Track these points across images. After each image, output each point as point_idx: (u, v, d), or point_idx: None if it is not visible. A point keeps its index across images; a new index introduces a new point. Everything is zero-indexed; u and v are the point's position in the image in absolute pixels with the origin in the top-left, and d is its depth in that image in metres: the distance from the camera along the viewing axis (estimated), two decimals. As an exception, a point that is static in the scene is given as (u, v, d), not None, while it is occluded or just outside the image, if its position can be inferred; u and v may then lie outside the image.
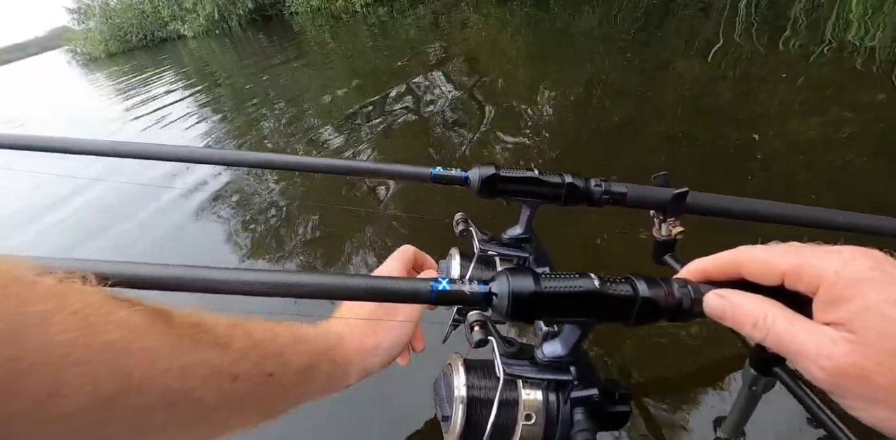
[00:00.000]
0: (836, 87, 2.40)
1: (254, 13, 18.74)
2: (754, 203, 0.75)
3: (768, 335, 0.28)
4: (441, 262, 0.69)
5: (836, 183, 1.64)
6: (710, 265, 0.35)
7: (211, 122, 4.83)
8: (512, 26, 6.37)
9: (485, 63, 4.64)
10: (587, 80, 3.38)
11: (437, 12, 9.12)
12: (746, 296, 0.31)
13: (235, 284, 0.31)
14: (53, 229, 2.96)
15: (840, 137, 1.92)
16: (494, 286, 0.35)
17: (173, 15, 21.61)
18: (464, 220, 0.69)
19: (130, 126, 5.36)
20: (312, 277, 0.33)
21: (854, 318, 0.26)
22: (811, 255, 0.29)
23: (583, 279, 0.35)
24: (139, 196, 3.08)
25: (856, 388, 0.25)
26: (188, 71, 9.67)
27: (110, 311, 0.27)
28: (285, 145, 3.63)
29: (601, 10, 5.69)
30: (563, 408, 0.43)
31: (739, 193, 0.73)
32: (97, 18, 23.96)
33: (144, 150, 0.68)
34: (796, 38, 3.12)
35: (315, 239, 2.11)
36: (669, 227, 0.73)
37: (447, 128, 3.09)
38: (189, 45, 17.26)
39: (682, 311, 0.35)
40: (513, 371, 0.42)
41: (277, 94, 5.35)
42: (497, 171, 0.61)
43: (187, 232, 2.51)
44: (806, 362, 0.26)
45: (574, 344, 0.42)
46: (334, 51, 7.90)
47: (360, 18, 11.70)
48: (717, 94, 2.70)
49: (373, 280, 0.34)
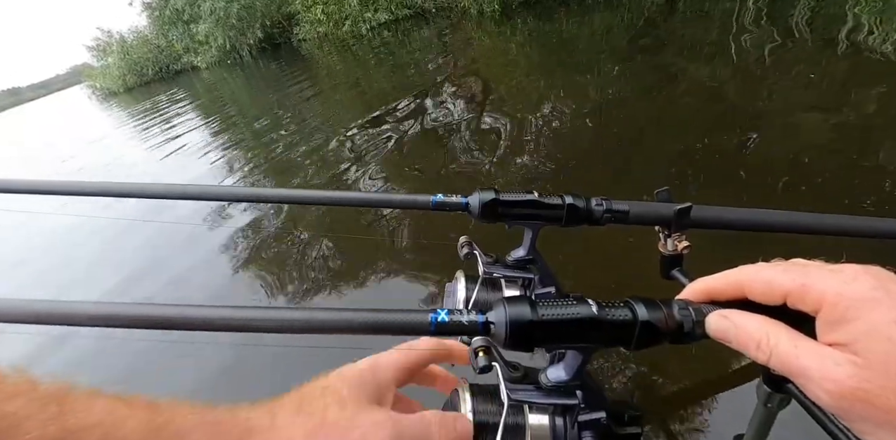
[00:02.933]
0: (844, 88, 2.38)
1: (263, 42, 19.32)
2: (759, 213, 0.74)
3: (772, 357, 0.28)
4: (447, 285, 0.70)
5: (852, 185, 1.61)
6: (714, 284, 0.35)
7: (224, 150, 4.95)
8: (515, 42, 6.45)
9: (488, 81, 4.70)
10: (593, 95, 3.40)
11: (441, 32, 9.29)
12: (749, 317, 0.31)
13: (219, 321, 0.32)
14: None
15: (851, 139, 1.90)
16: (492, 315, 0.35)
17: (186, 48, 22.38)
18: (468, 243, 0.69)
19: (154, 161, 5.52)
20: (307, 312, 0.33)
21: (857, 340, 0.25)
22: (814, 275, 0.28)
23: (580, 305, 0.36)
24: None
25: (861, 412, 0.25)
26: (202, 103, 9.96)
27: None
28: (296, 170, 3.70)
29: (605, 18, 5.74)
30: (571, 432, 0.43)
31: (751, 199, 0.73)
32: (115, 55, 24.90)
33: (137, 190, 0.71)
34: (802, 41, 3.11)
35: (320, 267, 2.14)
36: (675, 242, 0.73)
37: (452, 149, 3.12)
38: (202, 76, 17.81)
39: (684, 334, 0.35)
40: (518, 396, 0.42)
41: (286, 118, 5.48)
42: (497, 196, 0.62)
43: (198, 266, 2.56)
44: (810, 384, 0.26)
45: (577, 368, 0.42)
46: (341, 74, 8.08)
47: (367, 42, 11.97)
48: (723, 100, 2.69)
49: (373, 313, 0.35)
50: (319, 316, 0.34)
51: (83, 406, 0.26)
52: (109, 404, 0.27)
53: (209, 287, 2.32)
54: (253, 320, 0.33)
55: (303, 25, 17.20)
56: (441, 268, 1.81)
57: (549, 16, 7.17)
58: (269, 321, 0.33)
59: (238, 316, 0.33)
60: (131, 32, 25.22)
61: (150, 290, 2.44)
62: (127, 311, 0.32)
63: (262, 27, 18.87)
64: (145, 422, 0.27)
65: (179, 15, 20.81)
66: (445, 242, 0.75)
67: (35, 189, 0.82)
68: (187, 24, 20.98)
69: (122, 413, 0.27)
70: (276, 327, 0.33)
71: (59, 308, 0.35)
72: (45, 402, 0.25)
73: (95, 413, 0.26)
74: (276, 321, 0.33)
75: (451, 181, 2.67)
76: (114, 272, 2.73)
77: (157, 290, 2.41)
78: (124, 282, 2.60)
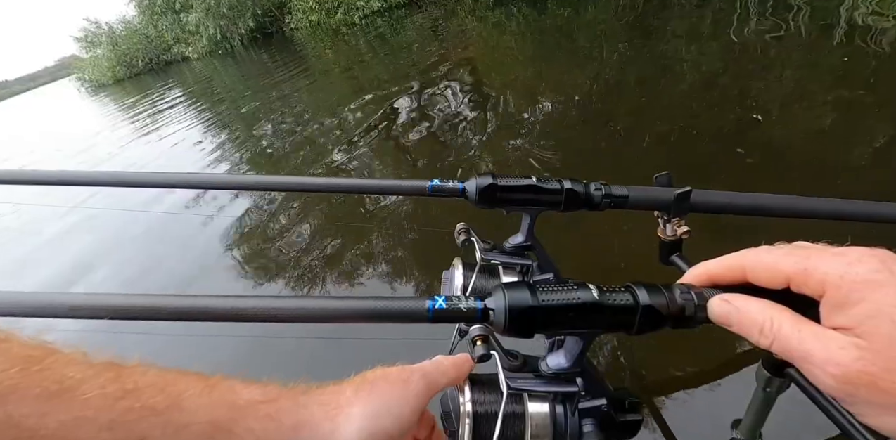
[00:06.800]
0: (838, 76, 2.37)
1: (255, 32, 19.07)
2: (759, 197, 0.74)
3: (775, 341, 0.28)
4: (445, 273, 0.69)
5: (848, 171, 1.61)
6: (715, 269, 0.34)
7: (218, 140, 4.91)
8: (509, 30, 6.39)
9: (483, 68, 4.66)
10: (587, 80, 3.38)
11: (434, 20, 9.19)
12: (752, 301, 0.30)
13: (219, 311, 0.31)
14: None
15: (845, 124, 1.89)
16: (490, 302, 0.35)
17: (177, 38, 22.06)
18: (465, 230, 0.68)
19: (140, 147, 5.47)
20: (301, 301, 0.32)
21: (862, 323, 0.25)
22: (816, 258, 0.28)
23: (581, 290, 0.35)
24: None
25: (866, 395, 0.24)
26: (193, 90, 9.85)
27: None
28: (289, 157, 3.68)
29: (599, 7, 5.69)
30: (572, 420, 0.42)
31: (746, 184, 0.72)
32: (104, 46, 24.53)
33: (129, 179, 0.69)
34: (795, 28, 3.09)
35: (315, 255, 2.13)
36: (674, 227, 0.72)
37: (448, 135, 3.10)
38: (193, 67, 17.59)
39: (686, 318, 0.34)
40: (517, 385, 0.42)
41: (279, 107, 5.43)
42: (494, 181, 0.61)
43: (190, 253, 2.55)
44: (814, 369, 0.26)
45: (578, 355, 0.42)
46: (335, 63, 8.00)
47: (360, 30, 11.83)
48: (719, 87, 2.68)
49: (370, 301, 0.34)
50: (314, 304, 0.33)
51: (138, 371, 0.28)
52: (161, 370, 0.29)
53: (195, 277, 2.32)
54: (244, 309, 0.32)
55: (295, 14, 16.98)
56: (439, 256, 1.80)
57: (544, 3, 7.09)
58: (261, 310, 0.32)
59: (225, 305, 0.32)
60: (120, 23, 24.82)
61: (122, 278, 2.44)
62: (109, 302, 0.31)
63: (253, 16, 18.60)
64: (198, 380, 0.29)
65: (170, 4, 20.47)
66: (442, 229, 0.74)
67: (25, 179, 0.81)
68: (177, 14, 20.66)
69: (174, 376, 0.29)
70: (267, 316, 0.32)
71: (41, 300, 0.34)
72: (100, 369, 0.27)
73: (150, 375, 0.28)
74: (268, 310, 0.32)
75: (444, 168, 2.65)
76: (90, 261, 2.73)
77: (130, 279, 2.41)
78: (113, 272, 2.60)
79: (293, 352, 1.51)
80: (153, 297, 0.32)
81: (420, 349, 0.56)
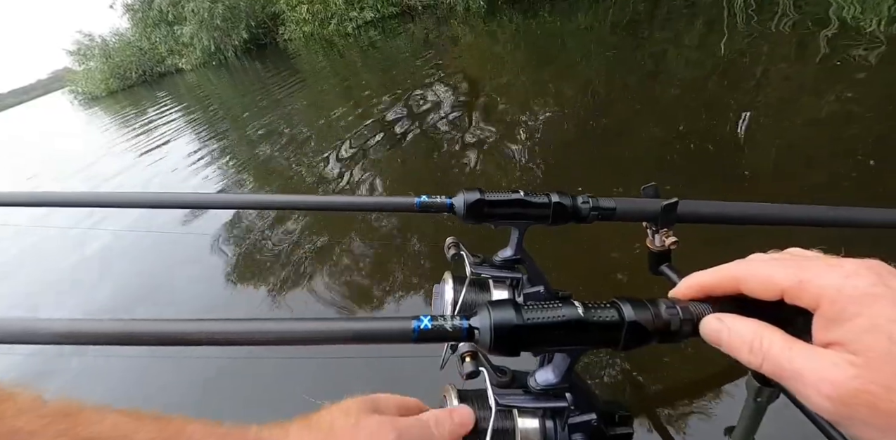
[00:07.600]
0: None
1: (248, 43, 19.14)
2: (747, 207, 0.74)
3: (765, 361, 0.27)
4: (435, 287, 0.69)
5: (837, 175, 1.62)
6: (708, 280, 0.33)
7: (214, 156, 4.90)
8: (501, 39, 6.44)
9: (474, 77, 4.68)
10: (580, 88, 3.40)
11: (427, 30, 9.25)
12: (742, 321, 0.30)
13: (199, 335, 0.31)
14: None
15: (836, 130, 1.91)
16: (476, 321, 0.35)
17: (171, 50, 22.11)
18: (455, 244, 0.68)
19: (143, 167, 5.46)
20: (282, 324, 0.32)
21: (857, 338, 0.24)
22: (812, 270, 0.27)
23: (566, 308, 0.35)
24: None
25: (864, 416, 0.23)
26: (189, 105, 9.86)
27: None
28: (282, 170, 3.67)
29: (590, 14, 5.75)
30: (562, 435, 0.42)
31: (738, 191, 0.73)
32: (97, 58, 24.55)
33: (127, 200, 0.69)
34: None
35: (300, 272, 2.10)
36: (663, 238, 0.73)
37: (438, 148, 3.10)
38: (187, 78, 17.61)
39: (672, 333, 0.34)
40: (506, 401, 0.42)
41: (273, 120, 5.43)
42: (482, 196, 0.61)
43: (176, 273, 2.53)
44: (806, 388, 0.25)
45: (566, 370, 0.42)
46: (328, 74, 8.03)
47: (353, 41, 11.89)
48: (710, 91, 2.71)
49: (353, 322, 0.34)
50: (295, 327, 0.33)
51: (93, 420, 0.27)
52: (118, 418, 0.28)
53: (181, 297, 2.29)
54: (222, 333, 0.32)
55: (288, 25, 17.06)
56: (429, 270, 1.79)
57: (535, 12, 7.16)
58: (239, 334, 0.32)
59: (206, 329, 0.32)
60: (113, 35, 24.84)
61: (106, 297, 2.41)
62: (92, 328, 0.30)
63: (246, 28, 18.69)
64: (155, 432, 0.28)
65: (163, 16, 20.54)
66: (432, 244, 0.74)
67: (26, 201, 0.80)
68: (171, 26, 20.72)
69: (132, 426, 0.28)
70: (247, 340, 0.32)
71: (30, 327, 0.34)
72: (54, 418, 0.26)
73: (106, 426, 0.27)
74: (247, 333, 0.32)
75: (436, 181, 2.65)
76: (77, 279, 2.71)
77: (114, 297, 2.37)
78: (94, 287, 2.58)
79: (274, 373, 1.46)
80: (131, 323, 0.31)
81: (407, 365, 0.56)
